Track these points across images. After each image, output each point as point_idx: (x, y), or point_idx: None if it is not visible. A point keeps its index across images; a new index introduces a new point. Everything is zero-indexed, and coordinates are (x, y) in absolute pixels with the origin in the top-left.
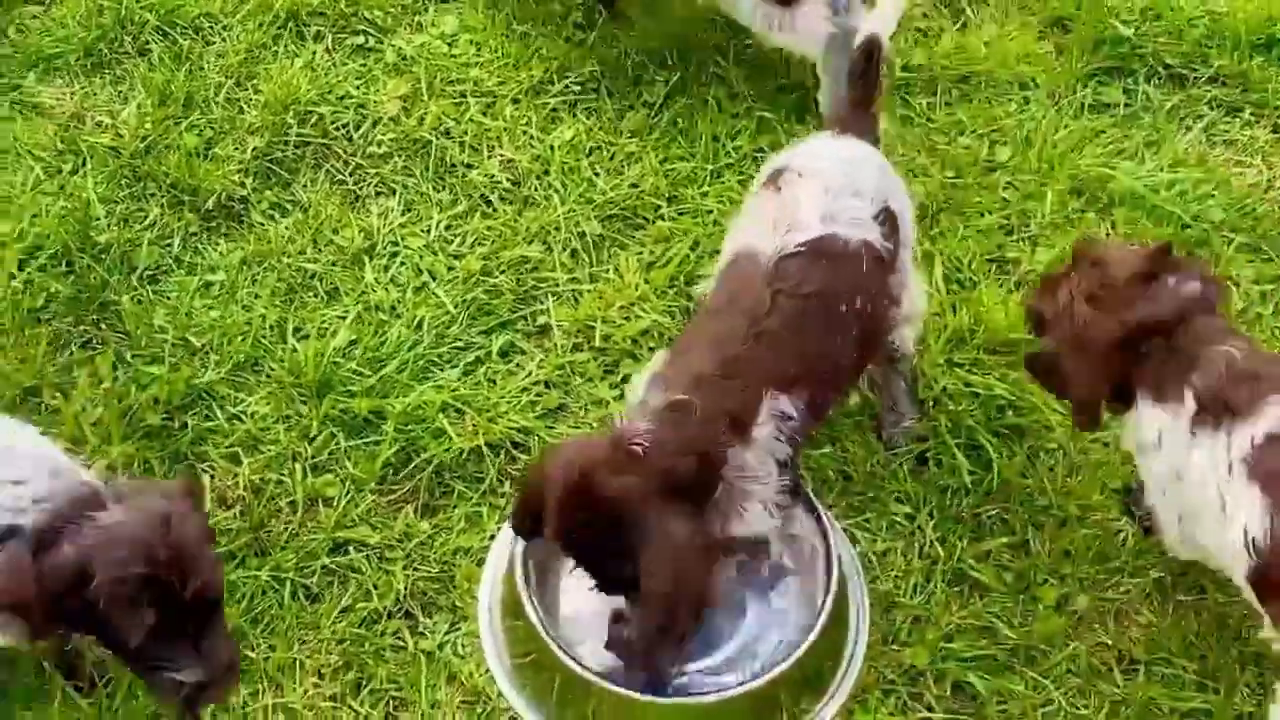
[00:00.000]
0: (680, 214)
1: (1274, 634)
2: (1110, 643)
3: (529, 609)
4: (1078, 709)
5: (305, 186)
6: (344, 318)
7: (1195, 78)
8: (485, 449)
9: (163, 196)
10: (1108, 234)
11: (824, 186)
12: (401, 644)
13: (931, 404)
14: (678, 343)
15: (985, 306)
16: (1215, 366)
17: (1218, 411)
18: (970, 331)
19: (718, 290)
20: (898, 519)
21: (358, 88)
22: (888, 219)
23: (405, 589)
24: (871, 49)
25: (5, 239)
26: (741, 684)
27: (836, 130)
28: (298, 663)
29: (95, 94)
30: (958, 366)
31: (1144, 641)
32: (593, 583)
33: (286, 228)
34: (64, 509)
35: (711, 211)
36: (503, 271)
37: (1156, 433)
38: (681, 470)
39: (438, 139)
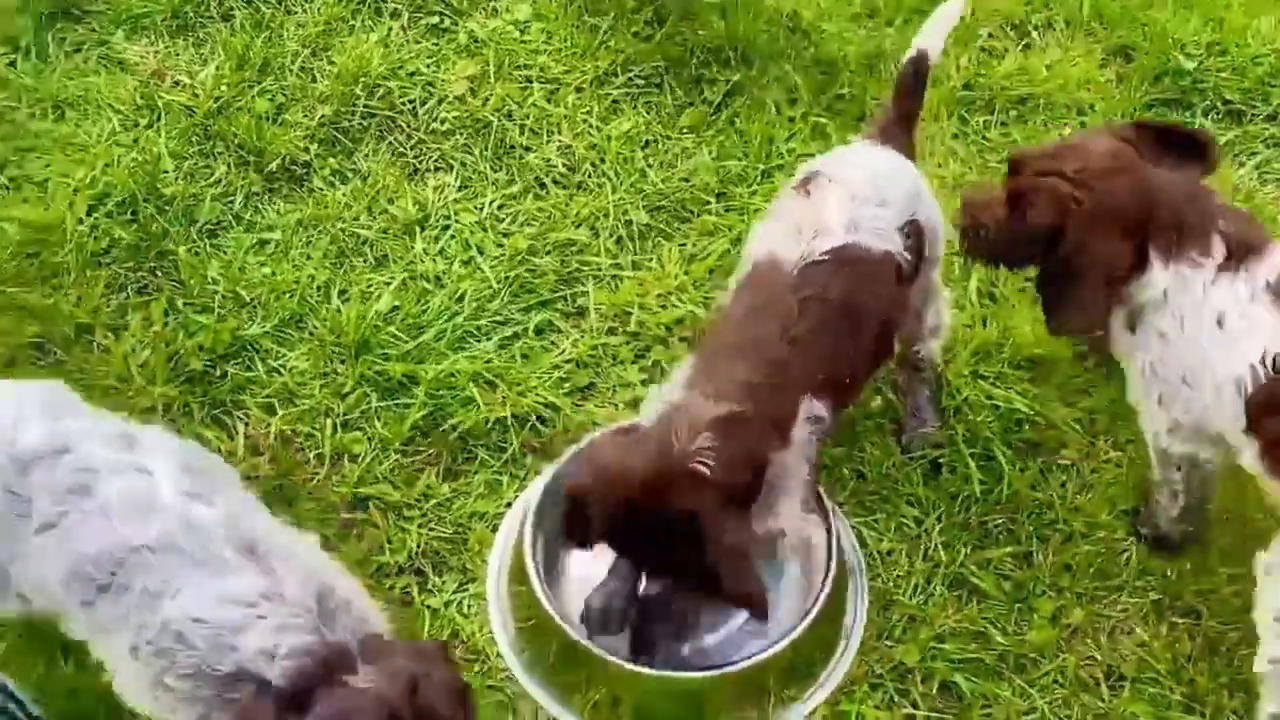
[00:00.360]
0: (727, 210)
1: (1256, 465)
2: (1100, 658)
3: (532, 575)
4: (1060, 719)
5: (367, 156)
6: (389, 284)
7: (1253, 114)
8: (511, 420)
9: (230, 156)
10: None
11: (850, 194)
12: (409, 598)
13: (951, 413)
14: (707, 346)
15: (1015, 322)
16: (1234, 213)
17: (1242, 254)
18: (998, 345)
19: (742, 294)
20: (906, 521)
21: (428, 66)
22: (913, 232)
23: (419, 547)
24: (919, 65)
25: (78, 185)
26: (729, 664)
27: (876, 140)
28: None
29: (177, 54)
30: (982, 379)
31: (1134, 659)
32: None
33: (344, 194)
34: (317, 667)
35: (758, 210)
36: (548, 252)
37: (1162, 290)
38: (741, 484)
39: (499, 120)
